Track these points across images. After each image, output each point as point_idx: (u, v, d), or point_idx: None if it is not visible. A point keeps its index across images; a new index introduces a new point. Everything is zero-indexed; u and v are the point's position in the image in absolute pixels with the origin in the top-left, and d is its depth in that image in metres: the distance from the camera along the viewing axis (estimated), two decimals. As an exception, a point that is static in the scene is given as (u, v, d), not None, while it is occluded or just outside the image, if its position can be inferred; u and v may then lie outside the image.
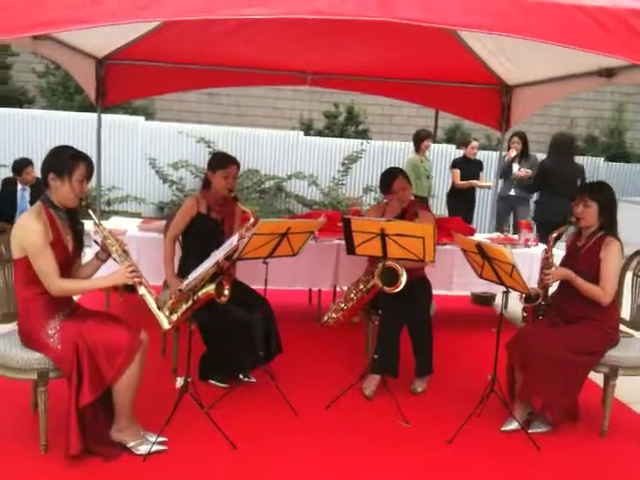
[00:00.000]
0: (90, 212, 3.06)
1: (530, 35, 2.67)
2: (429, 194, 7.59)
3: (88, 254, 3.39)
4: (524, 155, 7.24)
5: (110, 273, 3.07)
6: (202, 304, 3.42)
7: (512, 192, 7.19)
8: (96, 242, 3.22)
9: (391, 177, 4.17)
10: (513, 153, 7.11)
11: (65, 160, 2.96)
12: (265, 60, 5.63)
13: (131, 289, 3.27)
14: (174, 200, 10.21)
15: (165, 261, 3.93)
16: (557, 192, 6.27)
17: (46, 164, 2.99)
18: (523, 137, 7.28)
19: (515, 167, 7.14)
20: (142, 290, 3.02)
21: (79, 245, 3.15)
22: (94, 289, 3.12)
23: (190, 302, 3.38)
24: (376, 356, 3.83)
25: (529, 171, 7.05)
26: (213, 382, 3.91)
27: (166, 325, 3.11)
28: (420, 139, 7.36)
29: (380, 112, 13.86)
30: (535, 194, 7.34)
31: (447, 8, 2.57)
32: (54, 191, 2.98)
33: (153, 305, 3.06)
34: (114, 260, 3.08)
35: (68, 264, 3.04)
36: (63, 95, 12.03)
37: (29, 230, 2.86)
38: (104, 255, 3.15)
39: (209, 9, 2.54)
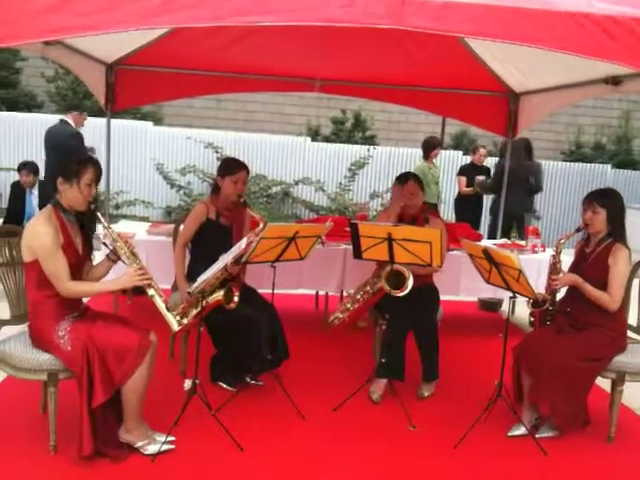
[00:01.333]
0: (98, 215, 3.10)
1: (537, 43, 2.69)
2: (438, 200, 7.61)
3: (97, 258, 3.43)
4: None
5: (120, 276, 3.11)
6: (211, 309, 3.45)
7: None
8: (105, 245, 3.26)
9: (405, 179, 4.24)
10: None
11: (73, 165, 3.01)
12: (274, 66, 5.67)
13: (139, 291, 3.29)
14: (181, 205, 10.27)
15: (176, 266, 3.98)
16: (511, 189, 6.59)
17: (55, 169, 3.03)
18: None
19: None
20: (151, 291, 3.05)
21: (89, 247, 3.19)
22: (104, 291, 3.16)
23: (199, 307, 3.40)
24: (383, 360, 3.85)
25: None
26: (222, 384, 3.93)
27: (175, 327, 3.13)
28: (432, 147, 7.40)
29: (387, 119, 13.88)
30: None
31: (456, 16, 2.59)
32: (63, 195, 3.02)
33: (162, 307, 3.09)
34: (123, 262, 3.11)
35: (79, 266, 3.09)
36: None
37: (39, 233, 2.90)
38: (115, 256, 3.19)
39: (218, 16, 2.56)
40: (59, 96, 12.29)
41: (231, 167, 3.98)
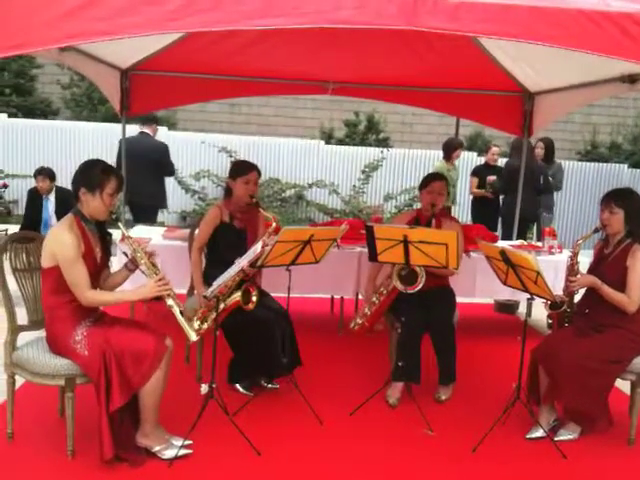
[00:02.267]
0: (120, 225, 3.12)
1: (552, 42, 2.66)
2: (452, 202, 7.58)
3: (113, 263, 3.45)
4: (548, 161, 7.25)
5: (139, 286, 3.12)
6: (229, 312, 3.45)
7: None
8: (125, 254, 3.27)
9: (434, 177, 4.22)
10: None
11: (96, 175, 3.03)
12: (287, 70, 5.67)
13: (156, 298, 3.30)
14: (196, 209, 10.30)
15: (193, 270, 4.00)
16: (522, 190, 6.45)
17: (77, 178, 3.06)
18: (548, 143, 7.29)
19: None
20: (170, 301, 3.05)
21: (107, 256, 3.22)
22: (124, 301, 3.18)
23: (218, 310, 3.40)
24: (400, 363, 3.83)
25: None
26: (238, 387, 3.93)
27: (193, 337, 3.11)
28: (453, 148, 7.39)
29: (401, 120, 13.85)
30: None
31: (470, 16, 2.57)
32: (85, 205, 3.05)
33: (180, 317, 3.08)
34: (142, 272, 3.12)
35: (97, 274, 3.11)
36: (87, 106, 12.21)
37: (62, 242, 2.92)
38: (133, 266, 3.21)
39: (232, 20, 2.56)
40: (74, 102, 12.39)
41: (242, 168, 3.99)
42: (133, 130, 6.92)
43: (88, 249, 3.02)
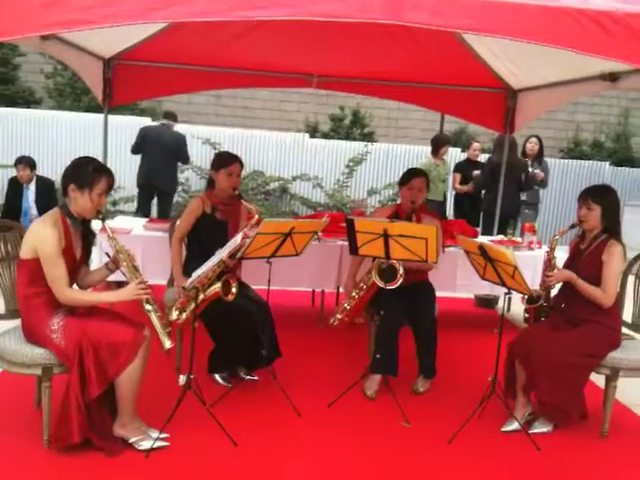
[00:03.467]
0: (105, 225, 3.10)
1: (535, 39, 2.69)
2: (445, 198, 7.61)
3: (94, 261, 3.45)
4: (538, 158, 7.34)
5: (120, 289, 3.13)
6: (209, 303, 3.45)
7: (522, 197, 7.29)
8: (107, 255, 3.26)
9: (414, 174, 4.21)
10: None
11: (88, 173, 3.01)
12: (272, 63, 5.67)
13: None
14: (179, 201, 10.24)
15: (173, 261, 3.99)
16: (505, 185, 6.51)
17: (68, 174, 3.03)
18: (540, 140, 7.37)
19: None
20: (148, 307, 3.04)
21: (87, 254, 3.21)
22: (102, 302, 3.13)
23: (197, 301, 3.40)
24: (378, 356, 3.85)
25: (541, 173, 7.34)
26: (217, 378, 3.94)
27: (168, 345, 3.07)
28: (441, 144, 7.41)
29: (386, 115, 13.87)
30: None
31: (453, 11, 2.59)
32: (73, 202, 3.03)
33: (157, 323, 3.06)
34: (123, 274, 3.12)
35: (74, 271, 3.09)
36: (70, 96, 12.08)
37: (45, 237, 2.90)
38: (113, 266, 3.21)
39: (217, 11, 2.57)
40: (57, 92, 12.27)
41: (224, 160, 3.99)
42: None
43: (68, 245, 3.00)
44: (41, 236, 2.92)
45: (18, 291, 3.07)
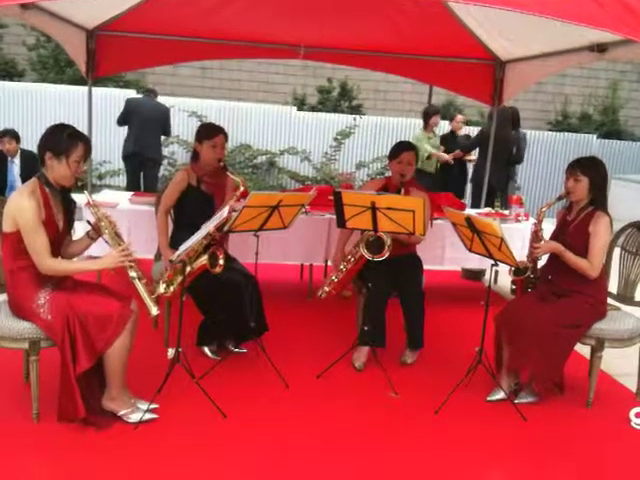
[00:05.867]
0: (85, 193, 3.06)
1: (523, 8, 2.66)
2: (435, 170, 7.62)
3: (78, 228, 3.40)
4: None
5: (102, 256, 3.09)
6: (196, 275, 3.44)
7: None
8: (89, 222, 3.21)
9: (403, 147, 4.18)
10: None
11: (63, 140, 2.96)
12: (257, 33, 5.59)
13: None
14: (166, 175, 10.16)
15: (159, 233, 3.97)
16: (493, 158, 6.55)
17: (43, 142, 2.98)
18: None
19: None
20: (133, 273, 3.02)
21: (69, 223, 3.16)
22: (85, 271, 3.10)
23: (185, 274, 3.39)
24: (366, 328, 3.87)
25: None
26: (206, 351, 3.94)
27: (154, 312, 3.05)
28: (430, 115, 7.41)
29: (374, 88, 13.77)
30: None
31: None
32: (50, 170, 2.98)
33: (142, 290, 3.04)
34: (105, 242, 3.09)
35: (58, 241, 3.06)
36: (54, 68, 11.89)
37: (22, 207, 2.86)
38: (95, 235, 3.17)
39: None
40: (40, 64, 12.06)
41: (208, 131, 3.95)
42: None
43: (49, 215, 2.96)
44: (19, 207, 2.88)
45: (5, 265, 3.04)
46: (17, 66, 12.66)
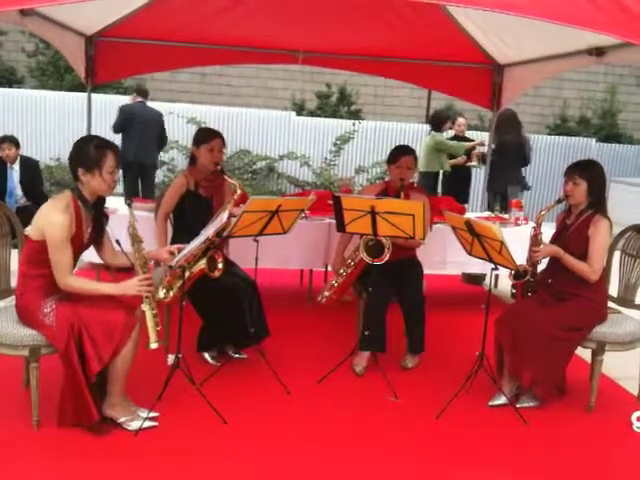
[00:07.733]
0: (130, 210, 3.08)
1: (520, 12, 2.66)
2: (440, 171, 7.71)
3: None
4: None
5: (121, 283, 3.03)
6: (195, 280, 3.43)
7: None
8: (118, 242, 3.16)
9: (402, 151, 4.17)
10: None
11: (91, 153, 2.94)
12: (257, 39, 5.59)
13: (125, 270, 3.26)
14: (165, 181, 10.16)
15: (158, 238, 3.97)
16: (512, 162, 6.70)
17: (73, 158, 2.98)
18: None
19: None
20: (145, 306, 2.98)
21: (98, 236, 3.16)
22: (103, 293, 3.02)
23: (184, 279, 3.39)
24: (366, 332, 3.86)
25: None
26: (206, 357, 3.94)
27: (154, 346, 3.00)
28: (443, 120, 7.63)
29: (373, 93, 13.79)
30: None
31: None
32: (86, 185, 2.98)
33: (150, 322, 3.00)
34: (133, 267, 3.08)
35: (79, 253, 3.08)
36: (53, 75, 11.90)
37: (54, 222, 2.86)
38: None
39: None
40: (40, 71, 12.08)
41: (205, 135, 3.96)
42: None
43: (78, 230, 2.97)
44: (50, 221, 2.87)
45: (19, 268, 3.03)
46: (16, 73, 12.69)
